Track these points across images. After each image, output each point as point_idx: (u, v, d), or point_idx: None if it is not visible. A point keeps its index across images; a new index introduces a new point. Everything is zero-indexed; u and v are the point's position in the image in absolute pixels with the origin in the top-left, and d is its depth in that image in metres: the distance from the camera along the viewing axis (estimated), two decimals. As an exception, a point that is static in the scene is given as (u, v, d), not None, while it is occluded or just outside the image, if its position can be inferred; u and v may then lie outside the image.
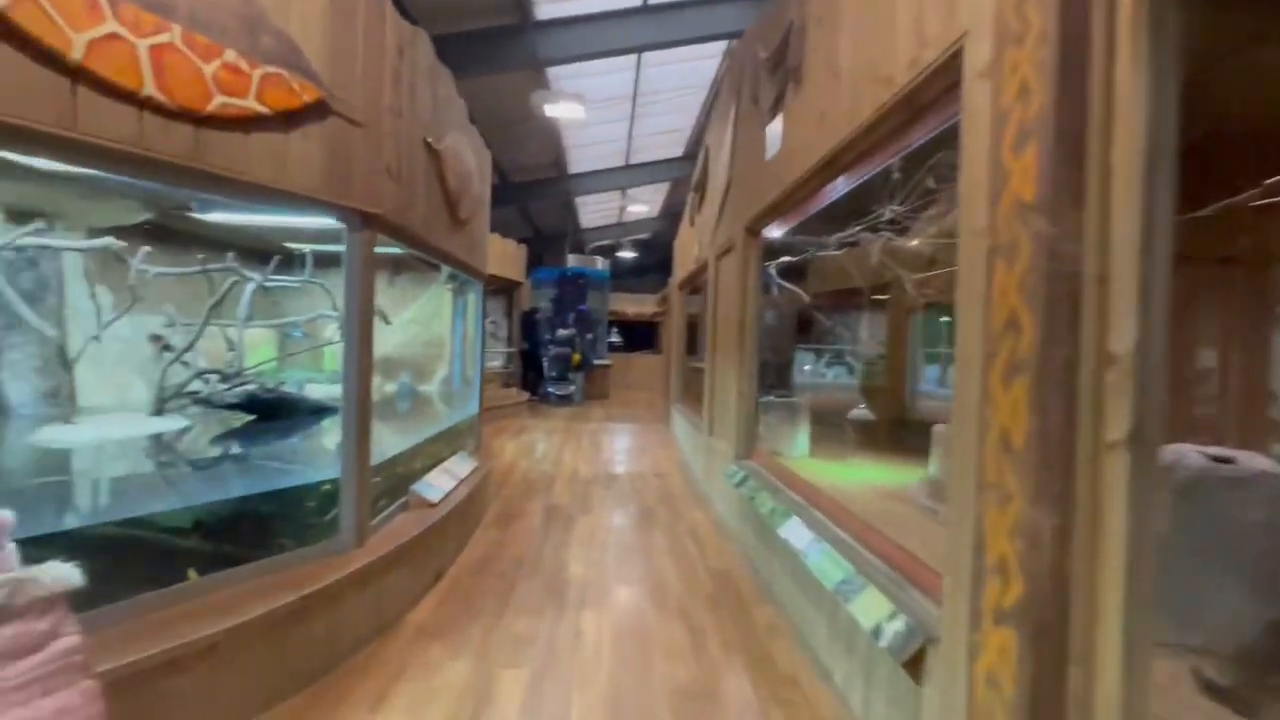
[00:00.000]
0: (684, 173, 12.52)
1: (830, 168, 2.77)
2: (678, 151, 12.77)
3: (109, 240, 4.03)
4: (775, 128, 3.41)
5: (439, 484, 3.78)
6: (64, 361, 3.74)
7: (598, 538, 4.19)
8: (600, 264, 13.63)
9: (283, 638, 2.21)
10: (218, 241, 4.68)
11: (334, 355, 8.32)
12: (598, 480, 5.95)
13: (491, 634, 2.78)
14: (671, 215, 16.57)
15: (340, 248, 2.71)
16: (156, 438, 3.92)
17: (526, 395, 10.91)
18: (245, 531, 2.74)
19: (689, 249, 7.06)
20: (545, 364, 11.50)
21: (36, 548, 1.48)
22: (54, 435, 3.48)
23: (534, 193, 12.77)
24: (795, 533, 2.86)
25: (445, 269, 6.28)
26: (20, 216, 4.49)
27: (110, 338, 5.69)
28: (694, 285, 7.41)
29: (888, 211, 4.10)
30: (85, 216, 4.80)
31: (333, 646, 2.45)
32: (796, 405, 4.86)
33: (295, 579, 2.38)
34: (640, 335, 16.64)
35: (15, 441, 3.48)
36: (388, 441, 4.16)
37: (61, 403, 5.03)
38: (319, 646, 2.37)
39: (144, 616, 1.98)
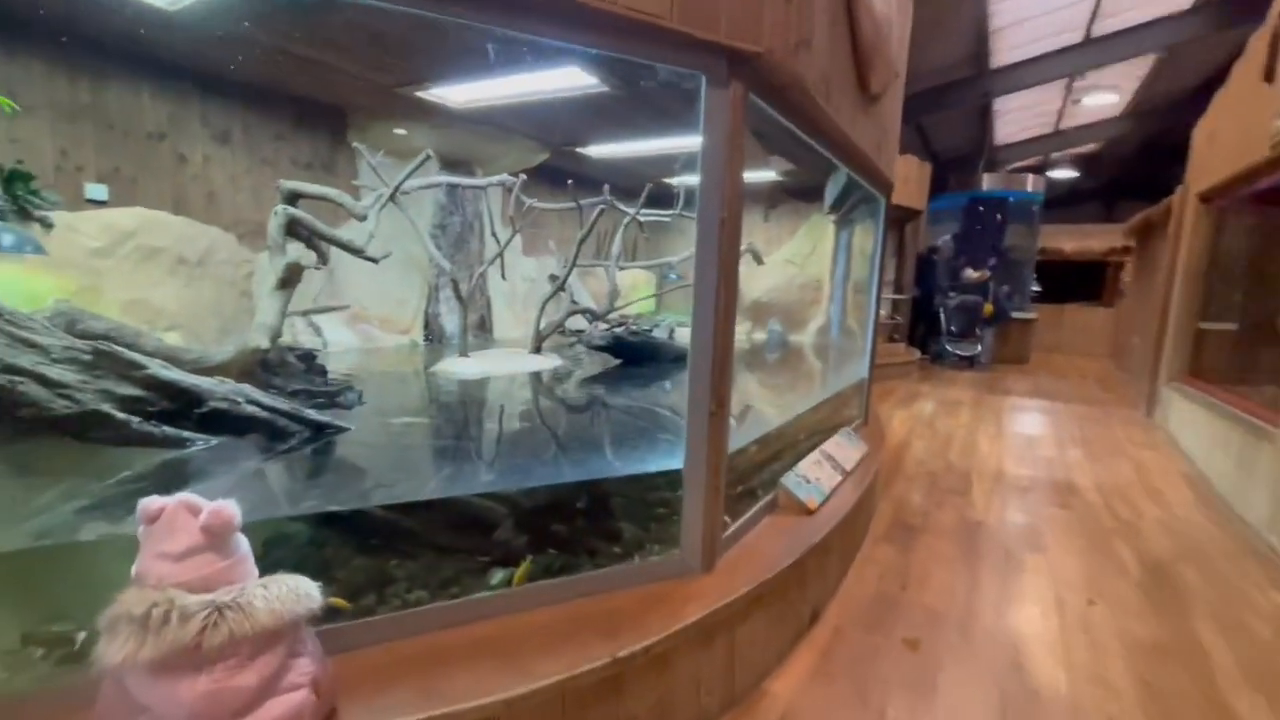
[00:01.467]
0: (1185, 34, 8.25)
1: None
2: (1183, 2, 8.44)
3: (504, 177, 3.98)
4: None
5: (818, 478, 2.68)
6: (460, 298, 3.88)
7: (1072, 606, 2.52)
8: (1031, 184, 10.27)
9: (584, 722, 1.44)
10: (597, 181, 4.31)
11: None
12: (1040, 490, 4.03)
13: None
14: (1147, 112, 11.67)
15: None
16: (535, 375, 3.83)
17: (916, 354, 8.97)
18: (543, 517, 2.12)
19: (1251, 128, 4.16)
20: (943, 316, 9.26)
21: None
22: (449, 367, 3.60)
23: (937, 102, 10.22)
24: None
25: (831, 193, 5.02)
26: (452, 164, 4.96)
27: (518, 277, 6.31)
28: (1249, 193, 4.43)
29: None
30: (498, 161, 5.08)
31: (657, 735, 1.61)
32: None
33: (607, 618, 1.60)
34: (1078, 280, 12.42)
35: (421, 371, 3.74)
36: (751, 410, 3.24)
37: (484, 335, 5.74)
38: (637, 736, 1.56)
39: (368, 651, 1.42)
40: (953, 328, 9.14)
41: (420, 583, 1.67)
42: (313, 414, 2.16)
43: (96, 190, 3.17)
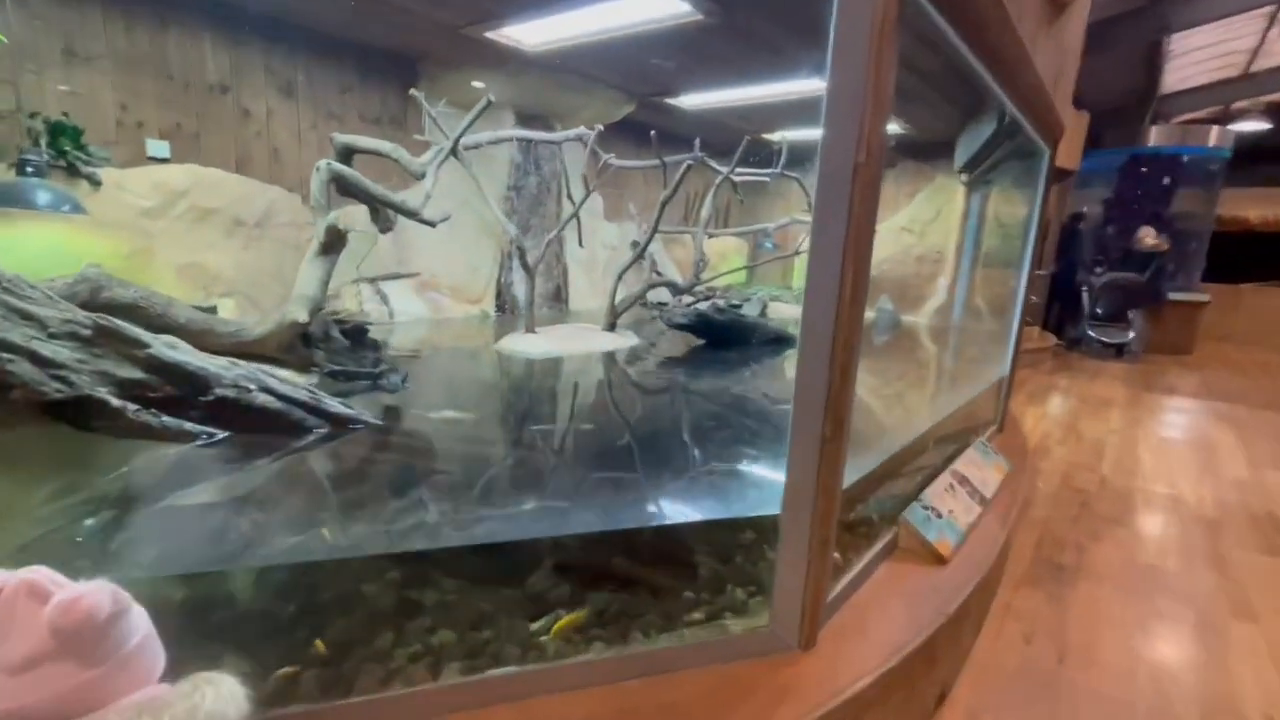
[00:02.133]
0: None
1: None
2: None
3: (580, 130, 3.52)
4: None
5: (950, 510, 2.09)
6: (527, 267, 3.49)
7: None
8: (1214, 138, 8.51)
9: None
10: (687, 138, 3.75)
11: (803, 268, 7.23)
12: (1234, 525, 3.17)
13: None
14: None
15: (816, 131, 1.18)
16: (608, 357, 3.41)
17: (1051, 339, 7.79)
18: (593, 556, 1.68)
19: None
20: (1086, 296, 7.95)
21: None
22: (513, 345, 3.24)
23: (1099, 40, 8.62)
24: None
25: (966, 148, 4.17)
26: (528, 119, 4.55)
27: (598, 243, 5.88)
28: None
29: None
30: (578, 114, 4.62)
31: None
32: None
33: (666, 714, 1.16)
34: (1262, 256, 10.40)
35: (483, 347, 3.40)
36: (860, 416, 2.66)
37: (558, 306, 5.39)
38: None
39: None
40: (1099, 310, 7.81)
41: (422, 647, 1.29)
42: (335, 404, 1.85)
43: (158, 147, 3.02)
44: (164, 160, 3.03)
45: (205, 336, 2.28)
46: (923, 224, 5.93)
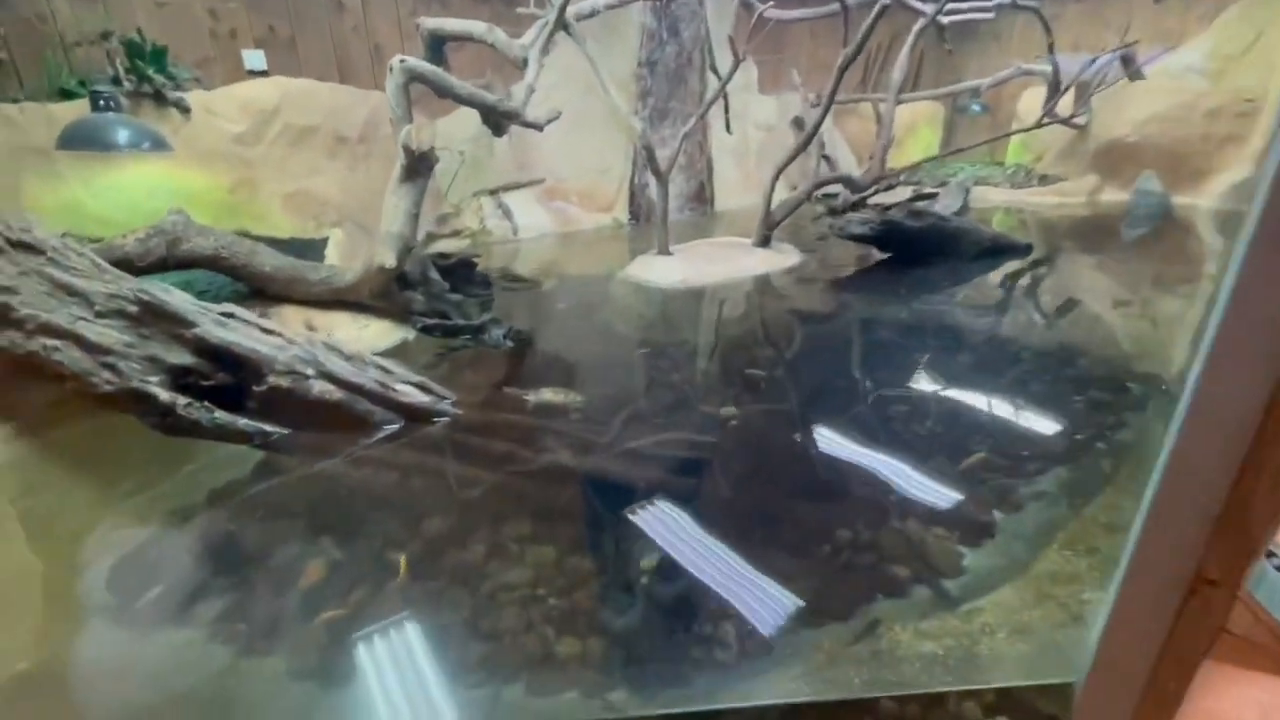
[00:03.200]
0: None
1: None
2: None
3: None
4: None
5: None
6: (658, 172, 2.79)
7: None
8: None
9: None
10: None
11: (1023, 144, 5.54)
12: None
13: None
14: None
15: None
16: (762, 282, 2.72)
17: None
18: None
19: None
20: None
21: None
22: (642, 272, 2.67)
23: None
24: None
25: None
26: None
27: (750, 124, 4.87)
28: None
29: None
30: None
31: None
32: None
33: None
34: None
35: (608, 275, 2.84)
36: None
37: (701, 208, 4.60)
38: None
39: None
40: None
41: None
42: (409, 392, 1.46)
43: (254, 58, 2.72)
44: (262, 73, 2.73)
45: (295, 285, 2.02)
46: (1223, 59, 4.08)
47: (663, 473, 1.34)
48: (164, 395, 1.33)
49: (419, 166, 1.91)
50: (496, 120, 2.51)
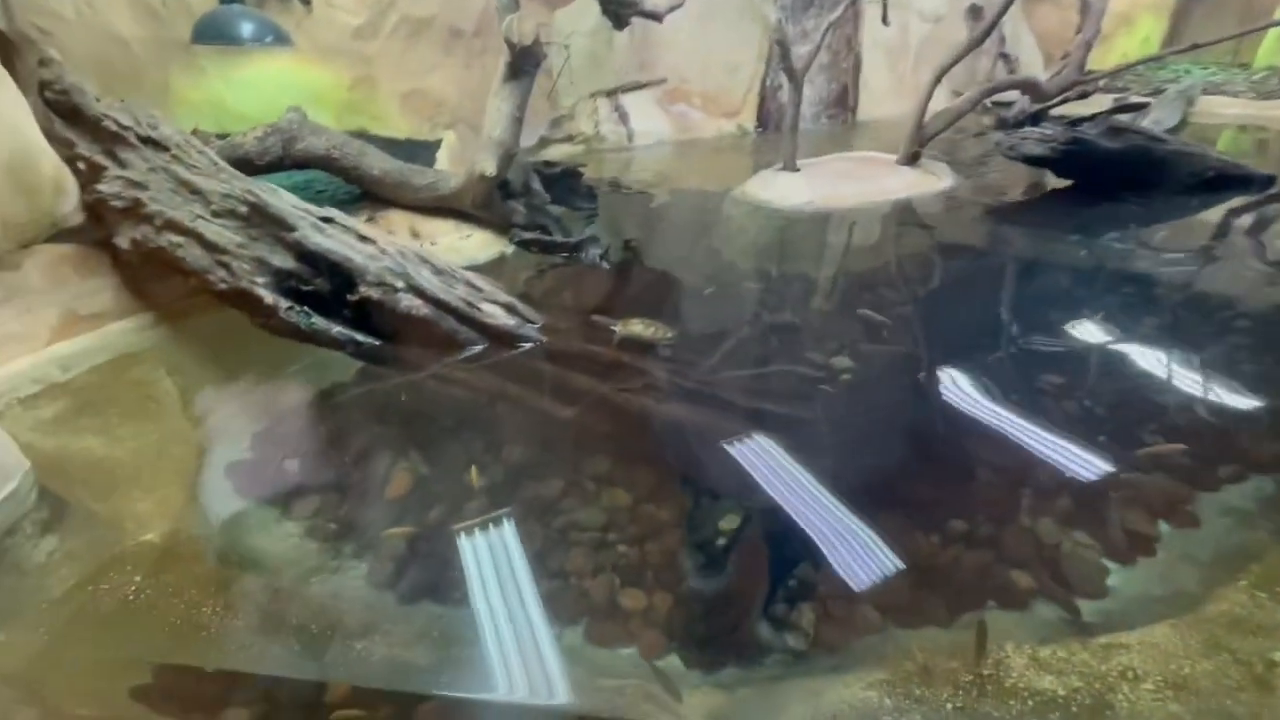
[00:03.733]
0: None
1: None
2: None
3: None
4: None
5: None
6: (791, 72, 2.41)
7: None
8: None
9: None
10: None
11: None
12: None
13: None
14: None
15: None
16: (905, 210, 2.36)
17: None
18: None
19: None
20: None
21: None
22: (759, 191, 2.39)
23: None
24: None
25: None
26: None
27: (913, 14, 4.11)
28: None
29: None
30: None
31: None
32: None
33: None
34: None
35: (718, 193, 2.57)
36: None
37: (842, 114, 4.03)
38: None
39: None
40: None
41: None
42: (494, 312, 1.39)
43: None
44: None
45: (401, 190, 2.00)
46: None
47: (749, 429, 1.21)
48: (268, 297, 1.38)
49: (523, 63, 1.77)
50: (616, 10, 2.28)
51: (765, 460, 1.17)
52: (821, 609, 0.97)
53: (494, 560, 1.05)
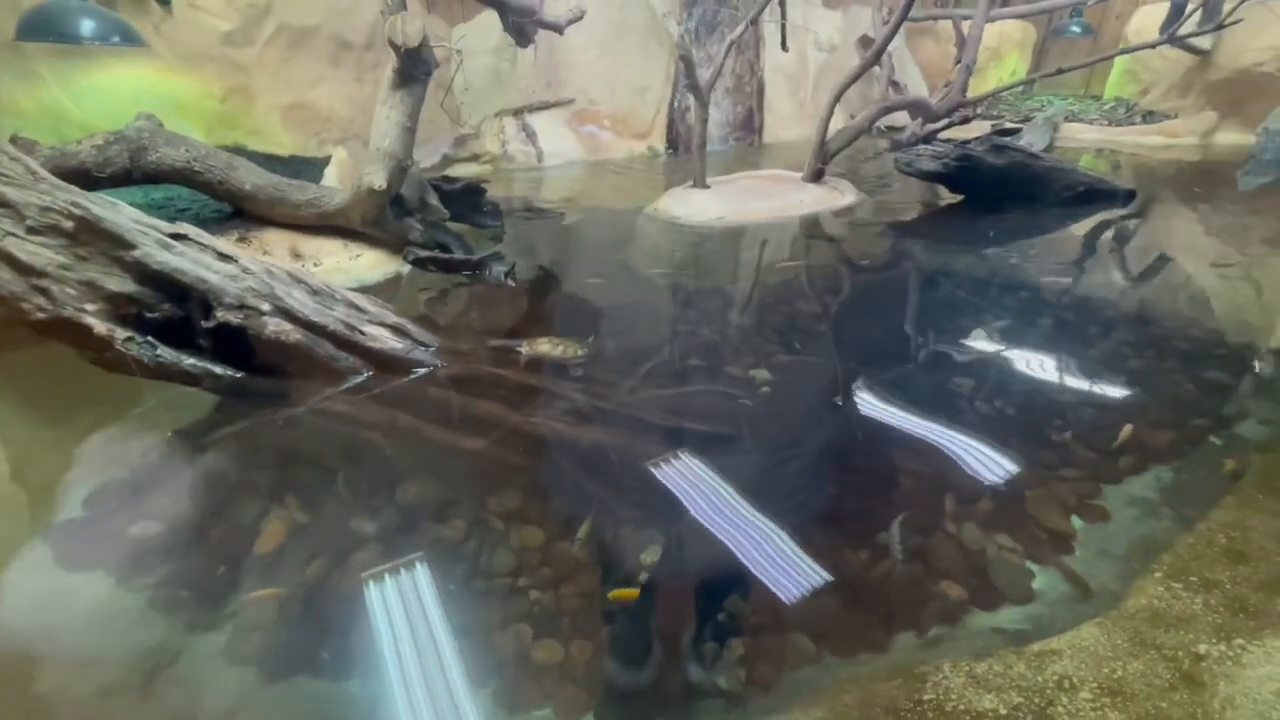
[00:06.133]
0: None
1: None
2: None
3: None
4: None
5: None
6: (697, 90, 2.42)
7: None
8: None
9: None
10: None
11: (1128, 75, 4.71)
12: None
13: None
14: None
15: None
16: (810, 225, 2.39)
17: None
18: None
19: None
20: None
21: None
22: (672, 207, 2.37)
23: None
24: None
25: None
26: None
27: (809, 44, 4.32)
28: None
29: None
30: None
31: None
32: None
33: None
34: None
35: (630, 211, 2.54)
36: None
37: (749, 137, 4.14)
38: None
39: None
40: None
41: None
42: (379, 335, 1.25)
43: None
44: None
45: (278, 207, 1.80)
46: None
47: (665, 448, 1.12)
48: (100, 326, 1.16)
49: (412, 68, 1.64)
50: (517, 24, 2.20)
51: (685, 482, 1.09)
52: (753, 643, 0.88)
53: (387, 619, 0.90)
